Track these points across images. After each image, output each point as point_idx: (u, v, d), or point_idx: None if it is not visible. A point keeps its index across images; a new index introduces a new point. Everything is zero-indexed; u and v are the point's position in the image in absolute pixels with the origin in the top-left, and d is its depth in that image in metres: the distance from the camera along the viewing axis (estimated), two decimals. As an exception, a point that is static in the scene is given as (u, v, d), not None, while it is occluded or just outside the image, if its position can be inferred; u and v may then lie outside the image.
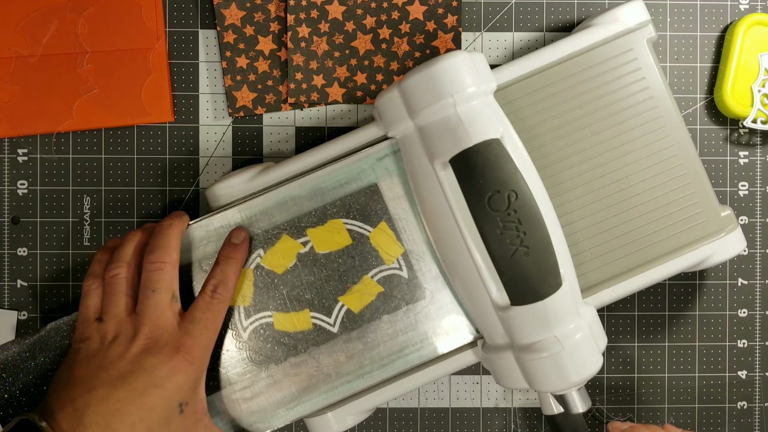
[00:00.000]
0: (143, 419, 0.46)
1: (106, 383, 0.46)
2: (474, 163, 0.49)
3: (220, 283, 0.51)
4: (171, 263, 0.50)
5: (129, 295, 0.50)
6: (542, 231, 0.49)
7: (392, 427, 0.62)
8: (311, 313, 0.54)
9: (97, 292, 0.50)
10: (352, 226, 0.55)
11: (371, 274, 0.55)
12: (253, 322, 0.54)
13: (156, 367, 0.47)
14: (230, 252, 0.52)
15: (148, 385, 0.46)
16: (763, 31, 0.60)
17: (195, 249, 0.54)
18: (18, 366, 0.54)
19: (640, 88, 0.55)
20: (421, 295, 0.55)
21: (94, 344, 0.48)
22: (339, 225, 0.55)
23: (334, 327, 0.54)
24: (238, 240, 0.52)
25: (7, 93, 0.59)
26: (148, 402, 0.46)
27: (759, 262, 0.62)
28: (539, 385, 0.50)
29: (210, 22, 0.61)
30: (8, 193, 0.61)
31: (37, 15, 0.59)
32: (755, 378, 0.62)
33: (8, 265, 0.61)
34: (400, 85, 0.51)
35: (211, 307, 0.50)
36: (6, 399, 0.53)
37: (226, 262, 0.52)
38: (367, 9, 0.60)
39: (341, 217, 0.55)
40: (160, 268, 0.49)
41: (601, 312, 0.62)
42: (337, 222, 0.55)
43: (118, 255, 0.51)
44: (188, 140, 0.61)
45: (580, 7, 0.62)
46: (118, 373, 0.46)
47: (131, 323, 0.48)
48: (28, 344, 0.54)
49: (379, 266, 0.55)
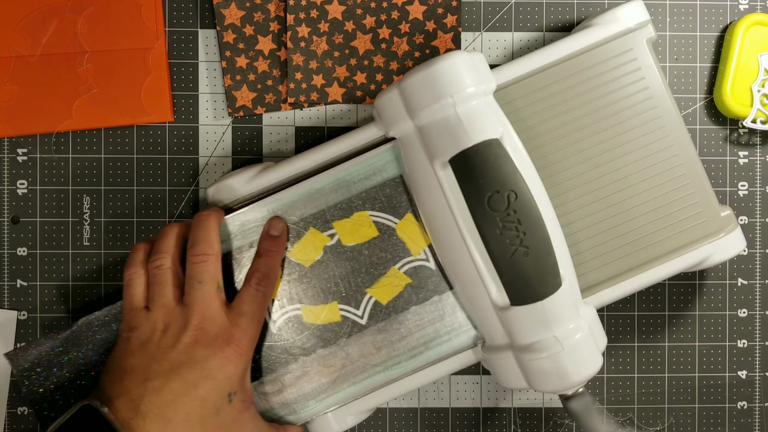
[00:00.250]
0: (196, 409, 0.47)
1: (160, 374, 0.47)
2: (473, 163, 0.49)
3: (263, 276, 0.52)
4: (214, 255, 0.51)
5: (175, 285, 0.51)
6: (542, 231, 0.49)
7: (392, 427, 0.62)
8: (340, 305, 0.55)
9: (141, 281, 0.51)
10: (379, 218, 0.55)
11: (398, 265, 0.55)
12: (282, 314, 0.55)
13: (207, 359, 0.48)
14: (270, 245, 0.53)
15: (201, 377, 0.48)
16: (763, 31, 0.60)
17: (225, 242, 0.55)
18: (51, 361, 0.55)
19: (639, 88, 0.55)
20: (449, 286, 0.55)
21: (145, 333, 0.49)
22: (365, 217, 0.55)
23: (362, 319, 0.55)
24: (277, 232, 0.53)
25: (6, 93, 0.59)
26: (201, 393, 0.47)
27: (759, 262, 0.62)
28: (539, 386, 0.50)
29: (210, 21, 0.61)
30: (8, 192, 0.61)
31: (36, 15, 0.59)
32: (755, 378, 0.62)
33: (8, 264, 0.61)
34: (399, 85, 0.51)
35: (257, 299, 0.52)
36: (41, 393, 0.55)
37: (268, 255, 0.53)
38: (367, 9, 0.60)
39: (367, 209, 0.55)
40: (205, 260, 0.50)
41: (601, 312, 0.62)
42: (363, 214, 0.55)
43: (161, 246, 0.51)
44: (188, 140, 0.61)
45: (579, 7, 0.62)
46: (171, 365, 0.48)
47: (180, 313, 0.49)
48: (60, 339, 0.55)
49: (406, 257, 0.55)
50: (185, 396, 0.47)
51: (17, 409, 0.61)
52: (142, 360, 0.48)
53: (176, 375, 0.47)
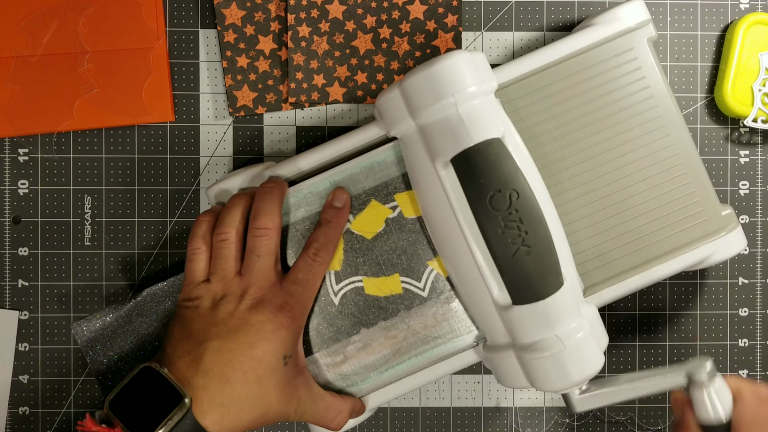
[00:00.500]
0: (253, 369, 0.49)
1: (219, 336, 0.49)
2: (475, 162, 0.49)
3: (321, 246, 0.53)
4: (275, 229, 0.52)
5: (237, 258, 0.52)
6: (544, 230, 0.49)
7: (393, 427, 0.62)
8: (401, 277, 0.55)
9: (204, 257, 0.53)
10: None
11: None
12: (344, 286, 0.55)
13: (262, 323, 0.50)
14: (332, 216, 0.54)
15: (257, 339, 0.49)
16: (764, 31, 0.60)
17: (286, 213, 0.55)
18: (115, 331, 0.56)
19: (640, 88, 0.55)
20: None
21: (206, 303, 0.51)
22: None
23: (423, 291, 0.55)
24: (340, 203, 0.54)
25: (7, 93, 0.59)
26: (257, 353, 0.49)
27: (760, 261, 0.62)
28: (541, 385, 0.50)
29: (210, 21, 0.61)
30: (9, 192, 0.61)
31: (37, 14, 0.59)
32: (756, 377, 0.62)
33: (9, 264, 0.61)
34: (400, 84, 0.51)
35: (313, 269, 0.53)
36: (104, 364, 0.56)
37: (328, 225, 0.54)
38: (368, 8, 0.60)
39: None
40: (266, 234, 0.52)
41: (602, 311, 0.62)
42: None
43: (227, 220, 0.53)
44: (189, 140, 0.61)
45: (580, 7, 0.62)
46: (229, 328, 0.49)
47: (238, 284, 0.51)
48: (125, 310, 0.57)
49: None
50: (242, 356, 0.49)
51: (18, 409, 0.61)
52: (201, 325, 0.50)
53: (233, 337, 0.49)
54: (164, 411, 0.47)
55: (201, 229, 0.53)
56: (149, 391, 0.48)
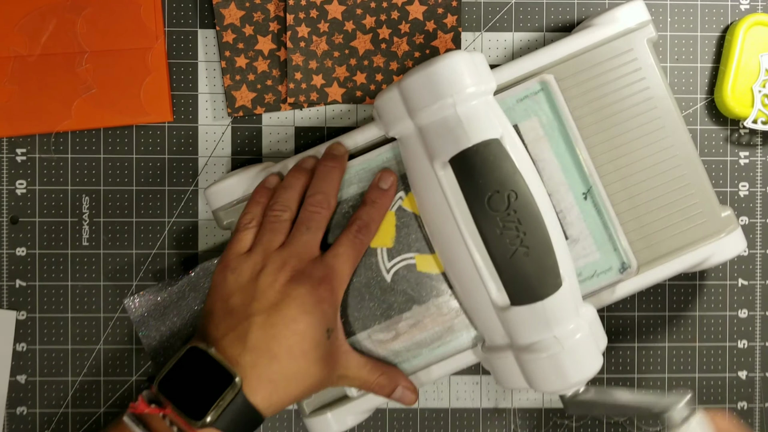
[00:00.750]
0: (298, 343, 0.49)
1: (261, 311, 0.50)
2: (473, 163, 0.49)
3: (364, 225, 0.53)
4: (329, 209, 0.53)
5: (285, 234, 0.53)
6: (542, 231, 0.49)
7: (392, 428, 0.62)
8: None
9: (252, 232, 0.53)
10: None
11: None
12: (396, 263, 0.55)
13: (303, 296, 0.50)
14: (377, 196, 0.54)
15: (299, 312, 0.50)
16: (764, 32, 0.60)
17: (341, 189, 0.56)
18: (168, 306, 0.56)
19: (640, 89, 0.55)
20: (564, 236, 0.54)
21: (245, 276, 0.51)
22: None
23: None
24: (386, 185, 0.54)
25: (5, 93, 0.59)
26: (300, 327, 0.49)
27: (759, 262, 0.62)
28: (539, 386, 0.50)
29: (209, 21, 0.61)
30: (7, 192, 0.61)
31: (35, 14, 0.59)
32: (755, 379, 0.62)
33: (7, 264, 0.61)
34: (399, 84, 0.51)
35: (354, 245, 0.53)
36: (157, 339, 0.56)
37: (372, 206, 0.54)
38: (367, 9, 0.60)
39: None
40: (319, 212, 0.53)
41: (601, 312, 0.62)
42: None
43: (286, 198, 0.53)
44: (187, 140, 0.61)
45: (580, 7, 0.62)
46: (270, 302, 0.50)
47: (279, 254, 0.51)
48: (179, 285, 0.57)
49: None
50: (286, 330, 0.49)
51: (16, 409, 0.61)
52: (243, 299, 0.50)
53: (276, 311, 0.50)
54: (214, 391, 0.48)
55: (256, 210, 0.54)
56: (197, 372, 0.49)
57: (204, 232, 0.61)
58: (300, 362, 0.50)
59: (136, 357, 0.61)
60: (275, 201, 0.53)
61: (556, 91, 0.54)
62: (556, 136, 0.54)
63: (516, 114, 0.54)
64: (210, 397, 0.48)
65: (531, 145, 0.54)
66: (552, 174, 0.54)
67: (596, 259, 0.54)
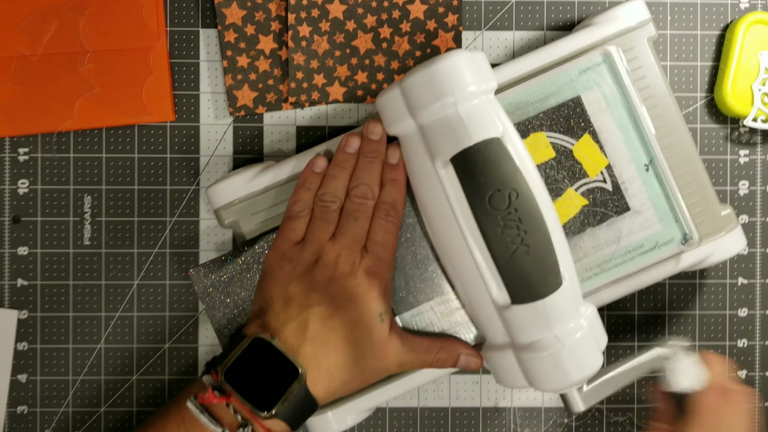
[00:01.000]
0: (352, 331, 0.52)
1: (320, 303, 0.52)
2: (475, 162, 0.49)
3: (390, 207, 0.54)
4: (373, 198, 0.54)
5: (335, 223, 0.54)
6: (543, 230, 0.49)
7: (392, 427, 0.62)
8: None
9: (304, 221, 0.55)
10: (555, 139, 0.55)
11: (575, 186, 0.55)
12: None
13: (356, 288, 0.52)
14: (390, 173, 0.54)
15: (353, 303, 0.52)
16: (764, 30, 0.60)
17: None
18: (232, 278, 0.56)
19: (640, 87, 0.55)
20: (625, 208, 0.54)
21: (302, 266, 0.53)
22: (542, 138, 0.55)
23: None
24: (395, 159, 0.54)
25: (8, 92, 0.59)
26: (354, 316, 0.52)
27: (759, 261, 0.62)
28: (539, 385, 0.50)
29: (211, 21, 0.61)
30: (9, 192, 0.61)
31: (37, 14, 0.59)
32: (755, 377, 0.62)
33: (9, 264, 0.61)
34: (401, 84, 0.51)
35: (388, 228, 0.54)
36: (221, 310, 0.56)
37: (391, 184, 0.54)
38: (368, 8, 0.60)
39: (544, 130, 0.55)
40: (365, 203, 0.54)
41: (601, 311, 0.61)
42: (541, 135, 0.55)
43: (334, 189, 0.54)
44: (189, 139, 0.61)
45: (580, 6, 0.62)
46: (328, 294, 0.52)
47: (332, 247, 0.53)
48: (243, 258, 0.56)
49: (583, 179, 0.55)
50: (343, 320, 0.52)
51: (17, 408, 0.61)
52: (300, 290, 0.52)
53: (333, 302, 0.52)
54: (279, 382, 0.50)
55: (307, 197, 0.55)
56: (262, 361, 0.50)
57: (206, 231, 0.61)
58: (355, 350, 0.52)
59: (137, 356, 0.61)
60: (324, 191, 0.54)
61: (618, 63, 0.54)
62: (619, 107, 0.54)
63: (578, 85, 0.54)
64: (275, 388, 0.50)
65: (594, 116, 0.54)
66: (614, 145, 0.55)
67: (658, 230, 0.54)
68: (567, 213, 0.55)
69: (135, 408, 0.61)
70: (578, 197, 0.55)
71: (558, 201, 0.55)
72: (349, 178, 0.55)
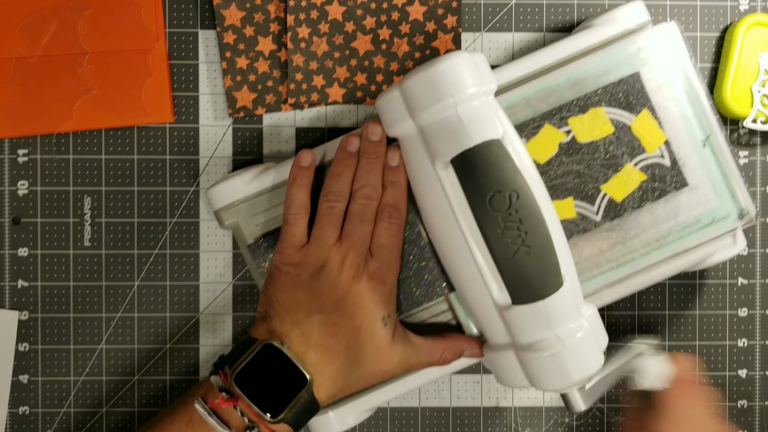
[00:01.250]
0: (355, 337, 0.52)
1: (324, 310, 0.52)
2: (475, 163, 0.49)
3: (393, 209, 0.54)
4: (377, 198, 0.54)
5: (340, 225, 0.54)
6: (543, 231, 0.49)
7: (393, 427, 0.62)
8: (575, 201, 0.55)
9: (303, 221, 0.54)
10: (614, 114, 0.55)
11: (633, 162, 0.55)
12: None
13: (360, 293, 0.52)
14: (391, 175, 0.54)
15: (356, 309, 0.52)
16: (763, 32, 0.60)
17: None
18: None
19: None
20: (683, 183, 0.54)
21: (307, 271, 0.53)
22: (600, 114, 0.55)
23: (597, 215, 0.55)
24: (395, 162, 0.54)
25: (7, 94, 0.59)
26: (357, 323, 0.52)
27: (759, 261, 0.62)
28: (540, 384, 0.51)
29: (210, 22, 0.61)
30: (9, 193, 0.61)
31: (36, 16, 0.59)
32: (755, 377, 0.63)
33: (9, 265, 0.61)
34: (400, 85, 0.51)
35: (391, 231, 0.54)
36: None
37: (392, 186, 0.54)
38: (367, 10, 0.60)
39: (603, 105, 0.55)
40: (369, 204, 0.54)
41: (602, 311, 0.62)
42: (599, 111, 0.55)
43: (338, 188, 0.54)
44: (188, 141, 0.61)
45: (580, 8, 0.62)
46: (332, 300, 0.52)
47: (338, 250, 0.53)
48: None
49: (641, 154, 0.55)
50: (345, 327, 0.52)
51: (18, 408, 0.61)
52: (305, 296, 0.52)
53: (336, 309, 0.52)
54: (286, 388, 0.50)
55: (300, 196, 0.54)
56: (269, 366, 0.51)
57: (205, 233, 0.61)
58: (357, 354, 0.52)
59: (138, 357, 0.61)
60: (329, 190, 0.54)
61: (677, 39, 0.54)
62: (677, 83, 0.54)
63: (636, 62, 0.54)
64: (283, 394, 0.50)
65: (652, 93, 0.54)
66: (672, 122, 0.55)
67: (715, 206, 0.54)
68: (625, 188, 0.55)
69: (136, 408, 0.61)
70: (637, 172, 0.55)
71: (616, 176, 0.55)
72: (353, 177, 0.55)
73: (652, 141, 0.54)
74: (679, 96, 0.54)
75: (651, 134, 0.54)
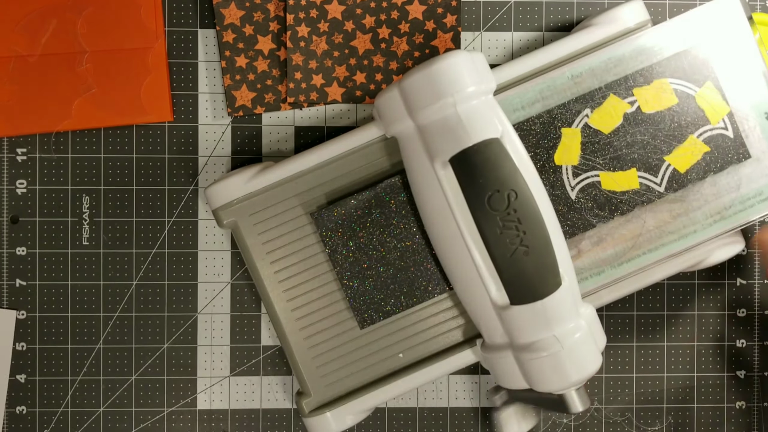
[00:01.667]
0: None
1: None
2: (474, 162, 0.49)
3: None
4: None
5: None
6: (542, 231, 0.49)
7: (391, 427, 0.62)
8: (638, 172, 0.55)
9: None
10: (678, 85, 0.55)
11: (697, 133, 0.54)
12: (580, 181, 0.55)
13: None
14: None
15: None
16: (763, 31, 0.60)
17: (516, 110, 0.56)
18: (357, 221, 0.56)
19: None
20: (746, 155, 0.54)
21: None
22: (665, 84, 0.55)
23: (660, 186, 0.55)
24: None
25: (6, 92, 0.59)
26: None
27: (758, 262, 0.62)
28: (538, 385, 0.51)
29: (209, 21, 0.61)
30: (7, 192, 0.61)
31: (35, 14, 0.59)
32: (754, 378, 0.63)
33: (7, 264, 0.61)
34: (399, 84, 0.51)
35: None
36: (342, 254, 0.56)
37: None
38: (367, 8, 0.60)
39: (667, 76, 0.55)
40: None
41: (600, 312, 0.62)
42: (664, 81, 0.55)
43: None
44: (187, 140, 0.61)
45: (579, 7, 0.62)
46: None
47: None
48: (363, 200, 0.56)
49: (704, 126, 0.54)
50: None
51: (16, 408, 0.61)
52: None
53: None
54: None
55: None
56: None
57: (204, 232, 0.61)
58: None
59: (135, 357, 0.61)
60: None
61: (739, 12, 0.54)
62: (739, 56, 0.54)
63: (700, 33, 0.54)
64: None
65: (715, 65, 0.54)
66: (736, 93, 0.55)
67: None
68: (689, 160, 0.55)
69: (134, 408, 0.61)
70: (700, 144, 0.55)
71: (680, 147, 0.54)
72: None
73: (716, 112, 0.55)
74: (742, 68, 0.55)
75: (714, 106, 0.54)
